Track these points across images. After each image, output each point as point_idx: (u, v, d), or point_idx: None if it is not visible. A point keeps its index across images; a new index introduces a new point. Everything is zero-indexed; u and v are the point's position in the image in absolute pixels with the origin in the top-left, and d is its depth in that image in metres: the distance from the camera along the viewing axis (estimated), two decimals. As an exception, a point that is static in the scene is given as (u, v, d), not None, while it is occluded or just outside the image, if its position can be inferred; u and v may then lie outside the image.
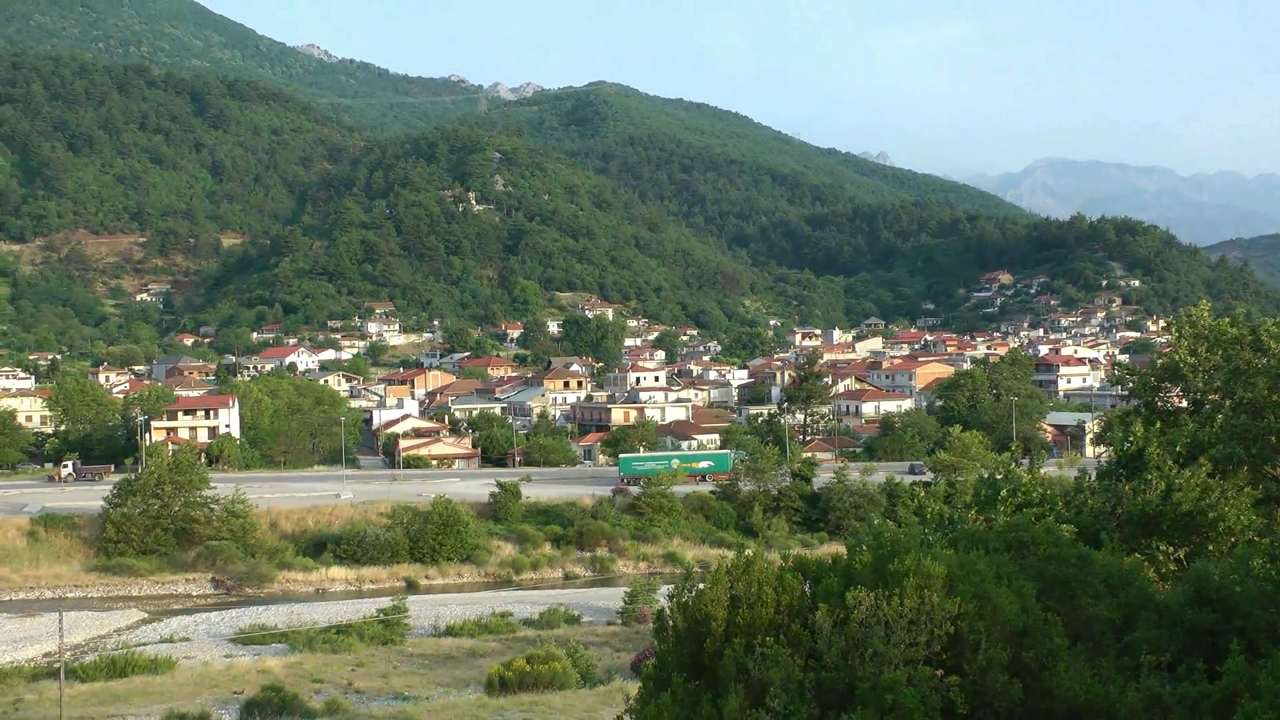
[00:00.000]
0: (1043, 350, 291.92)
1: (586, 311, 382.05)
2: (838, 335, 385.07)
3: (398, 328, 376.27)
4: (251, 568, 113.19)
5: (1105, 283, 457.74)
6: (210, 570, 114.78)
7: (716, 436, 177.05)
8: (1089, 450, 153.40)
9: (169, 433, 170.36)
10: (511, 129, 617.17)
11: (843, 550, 23.74)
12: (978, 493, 37.09)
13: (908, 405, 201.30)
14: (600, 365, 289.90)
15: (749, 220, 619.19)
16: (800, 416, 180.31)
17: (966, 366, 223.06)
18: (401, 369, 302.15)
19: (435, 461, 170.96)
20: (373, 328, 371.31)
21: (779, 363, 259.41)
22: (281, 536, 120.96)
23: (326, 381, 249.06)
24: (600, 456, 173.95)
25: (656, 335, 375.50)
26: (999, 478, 36.99)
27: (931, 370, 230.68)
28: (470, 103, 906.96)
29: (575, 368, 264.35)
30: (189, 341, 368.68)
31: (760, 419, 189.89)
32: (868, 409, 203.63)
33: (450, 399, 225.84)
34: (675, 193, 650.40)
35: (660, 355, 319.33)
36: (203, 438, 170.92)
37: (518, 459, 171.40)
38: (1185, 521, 31.76)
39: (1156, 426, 38.57)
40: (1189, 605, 21.84)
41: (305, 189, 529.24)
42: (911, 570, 19.50)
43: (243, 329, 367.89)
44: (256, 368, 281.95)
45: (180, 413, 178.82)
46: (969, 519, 34.28)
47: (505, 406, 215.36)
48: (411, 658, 76.39)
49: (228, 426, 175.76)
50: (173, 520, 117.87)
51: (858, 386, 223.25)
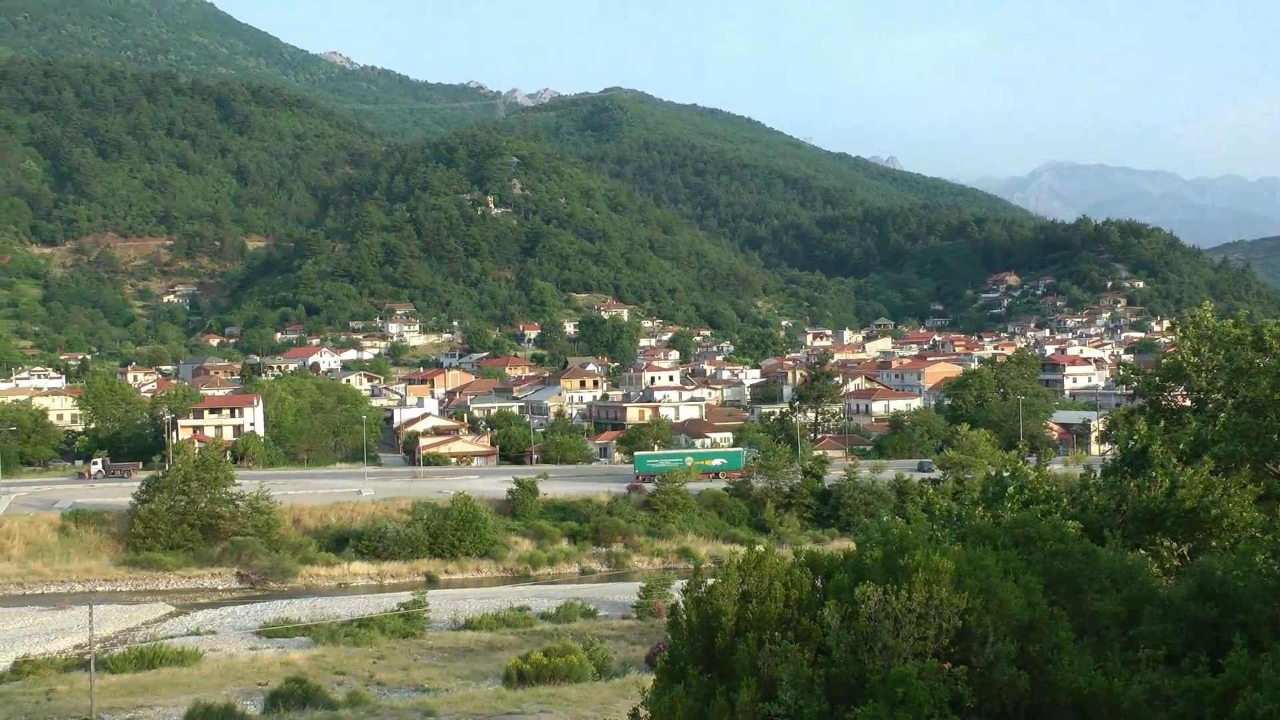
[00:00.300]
0: (1049, 350, 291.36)
1: (602, 312, 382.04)
2: (848, 336, 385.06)
3: (418, 328, 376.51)
4: (275, 563, 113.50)
5: (1110, 284, 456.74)
6: (235, 565, 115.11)
7: (729, 435, 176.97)
8: (1094, 448, 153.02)
9: (195, 431, 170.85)
10: (529, 134, 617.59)
11: (853, 546, 23.70)
12: (985, 490, 37.01)
13: (917, 404, 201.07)
14: (616, 365, 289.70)
15: (761, 223, 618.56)
16: (811, 415, 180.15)
17: (974, 366, 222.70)
18: (421, 369, 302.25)
19: (454, 459, 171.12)
20: (393, 328, 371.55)
21: (790, 362, 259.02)
22: (305, 532, 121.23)
23: (348, 381, 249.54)
24: (616, 454, 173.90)
25: (671, 336, 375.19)
26: (1006, 475, 36.90)
27: (940, 370, 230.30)
28: (489, 108, 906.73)
29: (591, 367, 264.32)
30: (214, 342, 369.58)
31: (772, 417, 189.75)
32: (877, 408, 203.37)
33: (469, 398, 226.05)
34: (689, 196, 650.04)
35: (674, 355, 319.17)
36: (228, 436, 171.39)
37: (535, 457, 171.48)
38: (1189, 518, 31.66)
39: (1160, 425, 38.51)
40: (1192, 600, 21.78)
41: (328, 193, 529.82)
42: (920, 565, 19.46)
43: (267, 330, 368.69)
44: (280, 367, 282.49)
45: (206, 411, 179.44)
46: (976, 515, 34.20)
47: (523, 405, 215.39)
48: (431, 651, 76.42)
49: (252, 425, 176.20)
50: (199, 516, 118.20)
51: (868, 386, 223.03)
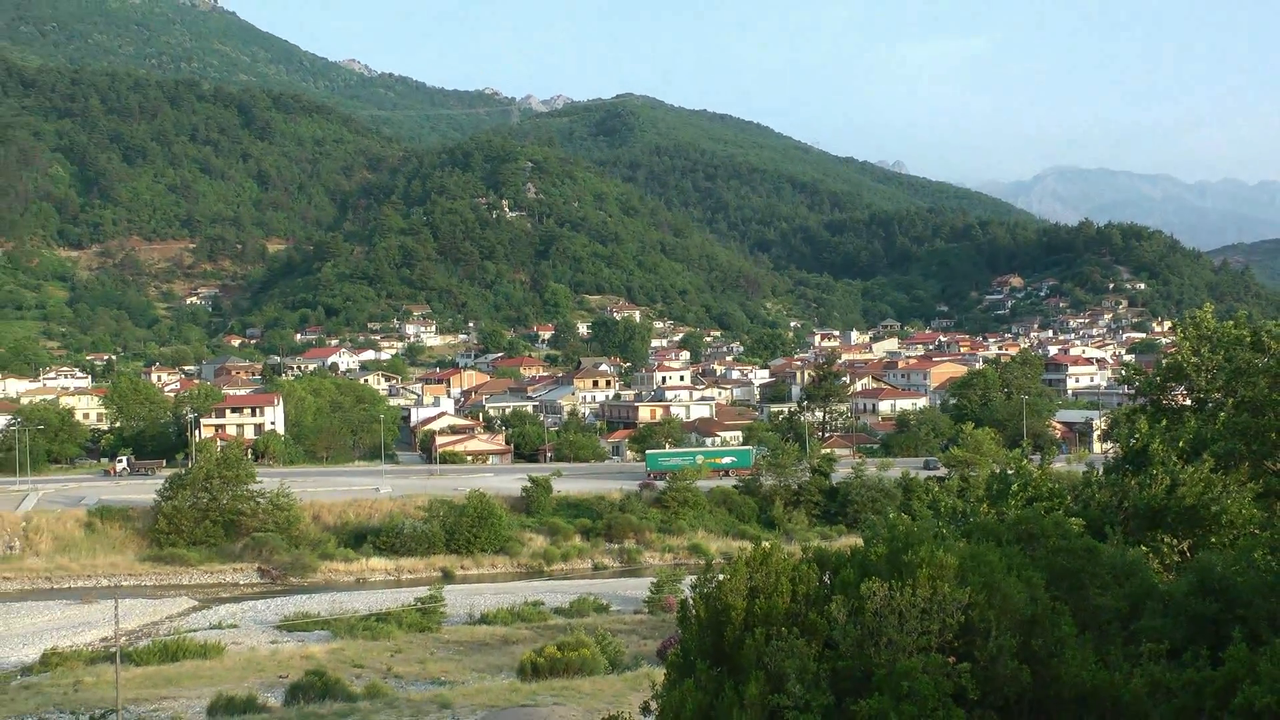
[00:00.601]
0: (1052, 351, 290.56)
1: (615, 314, 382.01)
2: (855, 336, 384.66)
3: (434, 329, 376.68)
4: (295, 558, 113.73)
5: (1112, 286, 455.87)
6: (256, 560, 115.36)
7: (739, 433, 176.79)
8: (1096, 446, 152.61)
9: (217, 429, 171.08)
10: (543, 139, 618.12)
11: (859, 542, 23.70)
12: (989, 487, 37.03)
13: (922, 403, 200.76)
14: (628, 365, 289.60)
15: (770, 226, 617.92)
16: (819, 414, 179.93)
17: (979, 366, 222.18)
18: (438, 369, 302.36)
19: (470, 457, 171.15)
20: (410, 329, 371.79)
21: (799, 363, 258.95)
22: (324, 528, 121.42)
23: (366, 381, 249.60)
24: (628, 452, 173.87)
25: (682, 336, 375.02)
26: (1010, 473, 36.92)
27: (945, 370, 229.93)
28: (503, 114, 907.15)
29: (604, 367, 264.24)
30: (236, 343, 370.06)
31: (781, 416, 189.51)
32: (884, 407, 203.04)
33: (484, 397, 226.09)
34: (699, 200, 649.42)
35: (685, 355, 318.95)
36: (249, 434, 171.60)
37: (549, 455, 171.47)
38: (1189, 515, 31.66)
39: (1161, 424, 38.52)
40: (1193, 595, 21.75)
41: (346, 197, 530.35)
42: (925, 561, 19.46)
43: (287, 331, 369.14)
44: (300, 368, 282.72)
45: (228, 410, 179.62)
46: (981, 512, 34.21)
47: (537, 405, 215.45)
48: (448, 644, 76.48)
49: (273, 423, 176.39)
50: (221, 513, 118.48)
51: (875, 385, 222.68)
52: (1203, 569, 22.61)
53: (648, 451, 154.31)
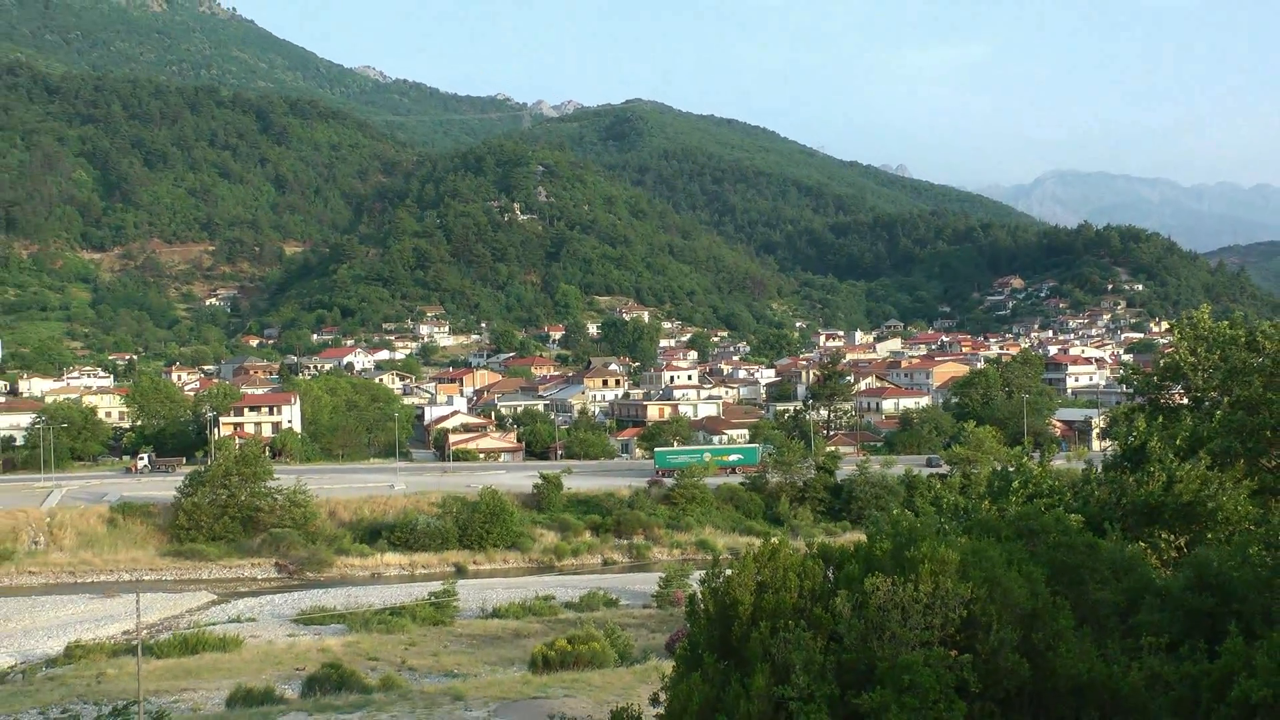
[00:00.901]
0: (1052, 350, 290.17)
1: (624, 314, 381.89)
2: (859, 336, 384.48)
3: (447, 330, 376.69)
4: (312, 553, 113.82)
5: (1111, 287, 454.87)
6: (274, 555, 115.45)
7: (746, 431, 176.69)
8: (1095, 444, 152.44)
9: (236, 427, 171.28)
10: (554, 144, 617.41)
11: (863, 538, 23.69)
12: (991, 484, 37.04)
13: (925, 402, 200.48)
14: (637, 365, 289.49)
15: (776, 228, 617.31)
16: (824, 413, 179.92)
17: (980, 366, 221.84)
18: (451, 368, 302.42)
19: (482, 455, 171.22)
20: (424, 330, 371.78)
21: (804, 362, 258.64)
22: (340, 524, 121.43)
23: (381, 380, 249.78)
24: (637, 450, 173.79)
25: (689, 336, 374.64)
26: (1011, 470, 36.94)
27: (948, 369, 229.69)
28: (515, 119, 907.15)
29: (613, 367, 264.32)
30: (254, 343, 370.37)
31: (787, 415, 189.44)
32: (888, 406, 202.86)
33: (496, 396, 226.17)
34: (707, 203, 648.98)
35: (693, 355, 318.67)
36: (267, 432, 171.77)
37: (559, 452, 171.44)
38: (1186, 511, 31.63)
39: (1159, 422, 38.47)
40: (1189, 590, 21.73)
41: (362, 200, 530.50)
42: (927, 557, 19.45)
43: (304, 331, 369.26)
44: (316, 367, 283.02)
45: (246, 409, 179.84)
46: (982, 509, 34.19)
47: (548, 403, 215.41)
48: (460, 638, 76.52)
49: (290, 422, 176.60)
50: (239, 509, 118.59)
51: (878, 384, 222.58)
52: (1199, 564, 22.58)
53: (656, 449, 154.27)
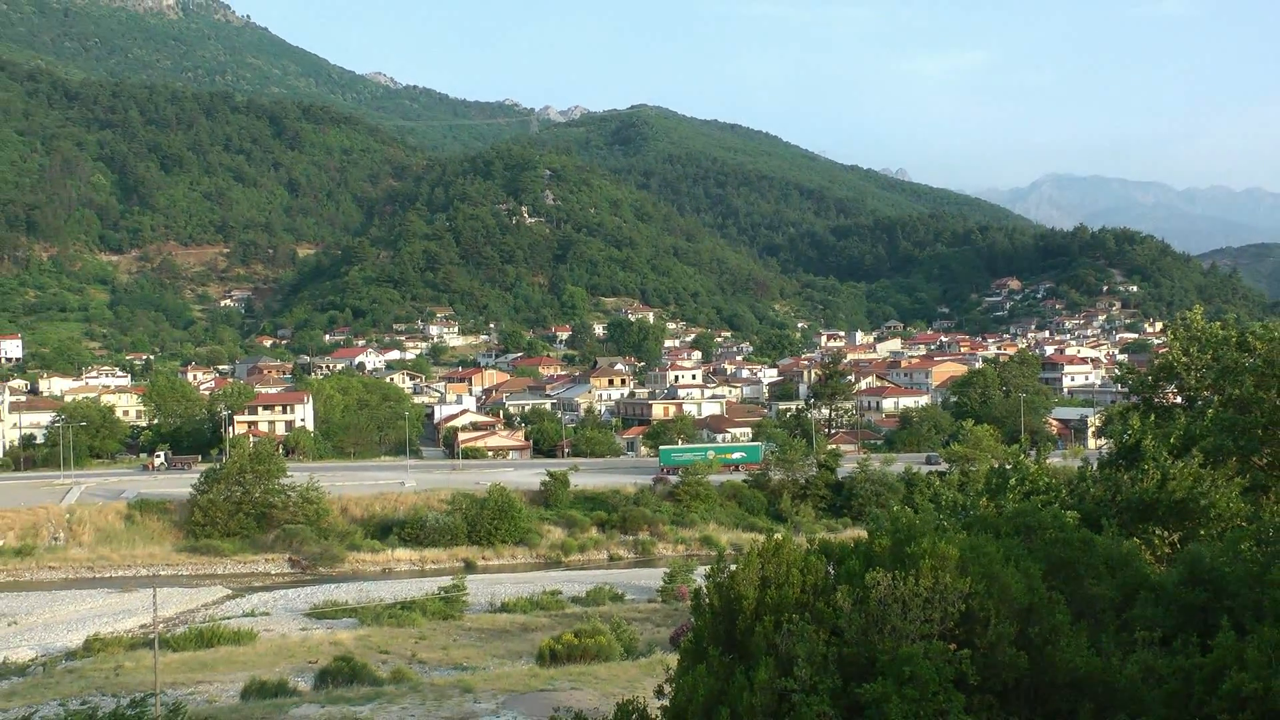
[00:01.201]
0: (1048, 350, 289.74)
1: (629, 315, 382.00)
2: (860, 337, 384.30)
3: (457, 330, 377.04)
4: (324, 549, 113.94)
5: (1106, 288, 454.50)
6: (287, 551, 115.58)
7: (749, 430, 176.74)
8: (1091, 443, 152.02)
9: (250, 426, 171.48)
10: (561, 148, 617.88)
11: (864, 534, 23.72)
12: (989, 481, 37.04)
13: (924, 401, 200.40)
14: (642, 364, 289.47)
15: (778, 231, 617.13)
16: (826, 411, 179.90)
17: (978, 366, 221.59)
18: (460, 368, 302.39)
19: (491, 453, 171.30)
20: (434, 330, 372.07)
21: (806, 362, 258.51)
22: (351, 521, 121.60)
23: (392, 379, 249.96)
24: (642, 448, 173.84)
25: (693, 337, 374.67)
26: (1008, 468, 36.95)
27: (946, 369, 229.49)
28: (523, 124, 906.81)
29: (619, 367, 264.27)
30: (268, 343, 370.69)
31: (789, 414, 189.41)
32: (888, 404, 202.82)
33: (505, 395, 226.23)
34: (710, 206, 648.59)
35: (697, 355, 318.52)
36: (280, 431, 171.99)
37: (566, 450, 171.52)
38: (1179, 508, 31.64)
39: (1152, 421, 38.44)
40: (1183, 585, 21.75)
41: (373, 204, 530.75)
42: (927, 553, 19.49)
43: (316, 331, 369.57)
44: (328, 367, 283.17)
45: (260, 408, 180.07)
46: (980, 506, 34.23)
47: (555, 402, 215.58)
48: (469, 631, 76.61)
49: (303, 420, 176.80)
50: (253, 506, 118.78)
51: (878, 384, 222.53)
52: (1192, 560, 22.60)
53: (661, 447, 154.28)
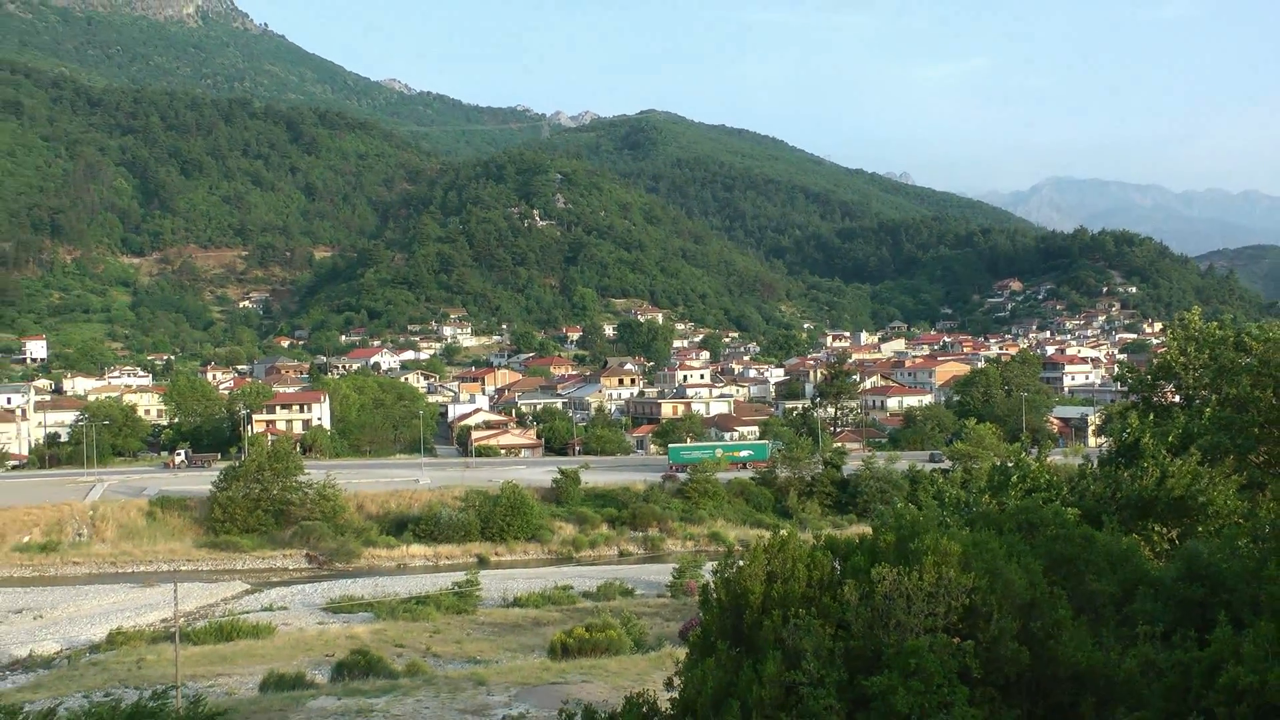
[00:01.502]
0: (1049, 350, 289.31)
1: (639, 316, 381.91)
2: (865, 337, 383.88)
3: (470, 331, 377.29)
4: (341, 545, 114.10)
5: (1105, 289, 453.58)
6: (305, 547, 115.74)
7: (756, 428, 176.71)
8: (1091, 441, 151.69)
9: (268, 425, 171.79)
10: (571, 153, 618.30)
11: (869, 530, 23.73)
12: (991, 479, 37.03)
13: (928, 400, 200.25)
14: (651, 364, 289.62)
15: (785, 234, 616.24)
16: (831, 410, 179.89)
17: (981, 365, 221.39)
18: (473, 368, 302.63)
19: (504, 451, 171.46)
20: (448, 331, 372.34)
21: (812, 362, 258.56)
22: (367, 517, 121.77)
23: (406, 379, 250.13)
24: (651, 446, 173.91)
25: (702, 337, 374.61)
26: (1010, 465, 36.92)
27: (949, 369, 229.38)
28: (534, 129, 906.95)
29: (629, 366, 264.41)
30: (285, 343, 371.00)
31: (795, 412, 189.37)
32: (892, 403, 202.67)
33: (517, 395, 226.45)
34: (718, 209, 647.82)
35: (705, 355, 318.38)
36: (298, 429, 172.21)
37: (577, 448, 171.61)
38: (1177, 505, 31.61)
39: (1151, 419, 38.42)
40: (1181, 580, 21.73)
41: (388, 207, 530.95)
42: (930, 548, 19.48)
43: (332, 332, 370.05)
44: (345, 367, 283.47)
45: (278, 407, 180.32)
46: (983, 502, 34.20)
47: (566, 401, 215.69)
48: (483, 626, 76.58)
49: (320, 419, 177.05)
50: (272, 502, 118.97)
51: (883, 383, 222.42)
52: (1191, 556, 22.58)
53: (670, 445, 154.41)
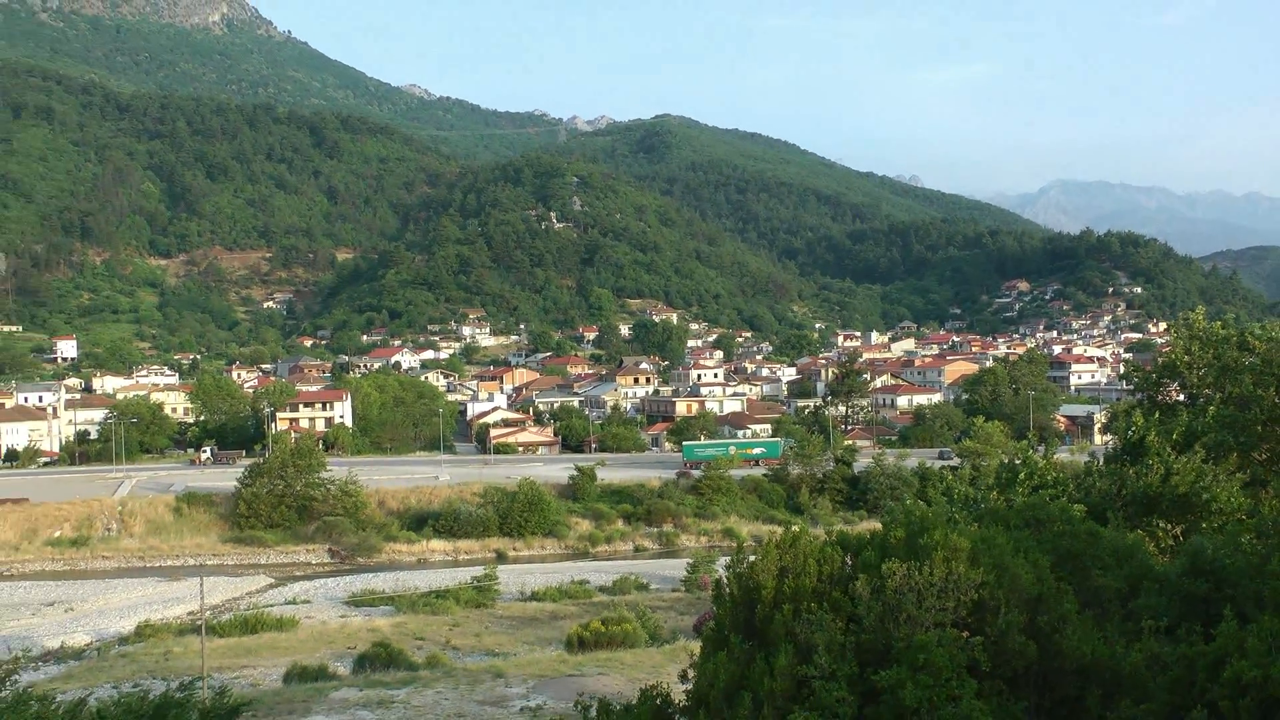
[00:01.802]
0: (1056, 350, 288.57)
1: (654, 316, 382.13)
2: (875, 337, 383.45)
3: (488, 331, 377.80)
4: (362, 540, 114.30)
5: (1111, 290, 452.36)
6: (327, 542, 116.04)
7: (768, 426, 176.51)
8: (1097, 438, 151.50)
9: (291, 422, 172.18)
10: (588, 156, 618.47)
11: (879, 526, 23.70)
12: (999, 476, 36.93)
13: (937, 399, 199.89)
14: (666, 363, 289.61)
15: (797, 235, 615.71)
16: (842, 408, 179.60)
17: (989, 364, 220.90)
18: (492, 367, 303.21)
19: (521, 448, 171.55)
20: (467, 331, 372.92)
21: (823, 361, 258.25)
22: (388, 513, 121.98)
23: (426, 378, 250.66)
24: (666, 444, 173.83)
25: (715, 337, 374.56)
26: (1018, 463, 36.82)
27: (958, 368, 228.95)
28: (551, 134, 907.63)
29: (644, 366, 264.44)
30: (308, 343, 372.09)
31: (807, 411, 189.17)
32: (902, 402, 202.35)
33: (534, 393, 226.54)
34: (731, 212, 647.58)
35: (719, 355, 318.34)
36: (320, 427, 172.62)
37: (593, 446, 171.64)
38: (1182, 502, 31.49)
39: (1156, 417, 38.26)
40: (1186, 576, 21.65)
41: (408, 210, 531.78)
42: (940, 544, 19.44)
43: (354, 332, 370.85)
44: (366, 366, 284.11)
45: (301, 405, 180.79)
46: (991, 499, 34.13)
47: (582, 400, 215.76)
48: (501, 619, 76.71)
49: (342, 417, 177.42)
50: (295, 498, 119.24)
51: (893, 382, 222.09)
52: (1195, 552, 22.50)
53: (684, 443, 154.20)
